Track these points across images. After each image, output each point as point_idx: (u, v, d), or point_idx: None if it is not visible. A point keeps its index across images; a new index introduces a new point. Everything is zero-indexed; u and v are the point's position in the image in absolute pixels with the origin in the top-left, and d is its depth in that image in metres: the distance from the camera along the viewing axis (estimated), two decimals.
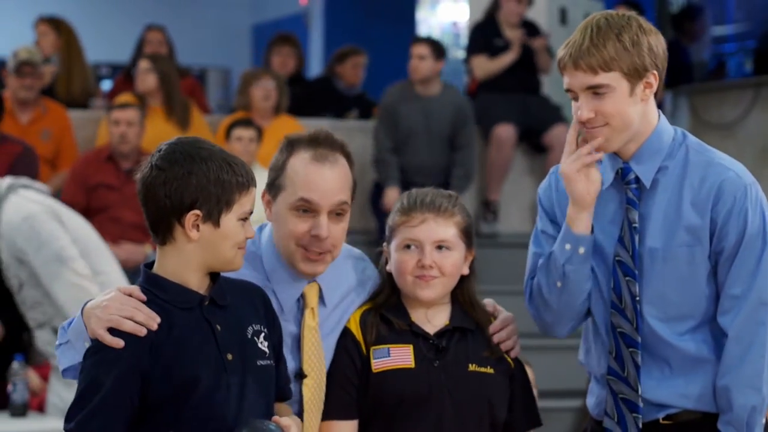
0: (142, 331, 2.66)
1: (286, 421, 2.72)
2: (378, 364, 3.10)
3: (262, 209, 3.12)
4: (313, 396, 3.06)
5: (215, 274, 2.78)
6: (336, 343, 3.13)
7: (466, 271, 3.18)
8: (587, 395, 3.24)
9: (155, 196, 2.70)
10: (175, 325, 2.69)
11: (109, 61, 11.06)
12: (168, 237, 2.72)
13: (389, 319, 3.14)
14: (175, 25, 10.05)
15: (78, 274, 5.02)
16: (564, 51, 3.02)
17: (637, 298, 3.04)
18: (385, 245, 3.20)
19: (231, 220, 2.72)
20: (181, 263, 2.73)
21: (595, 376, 3.19)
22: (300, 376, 3.04)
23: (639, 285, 3.04)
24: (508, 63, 8.13)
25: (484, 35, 8.25)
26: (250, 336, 2.78)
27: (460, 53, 10.54)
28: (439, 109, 7.73)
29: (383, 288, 3.19)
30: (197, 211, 2.69)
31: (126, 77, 8.59)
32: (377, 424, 3.10)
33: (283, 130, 7.35)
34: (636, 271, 3.04)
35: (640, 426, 3.06)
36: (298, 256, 3.03)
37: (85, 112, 8.00)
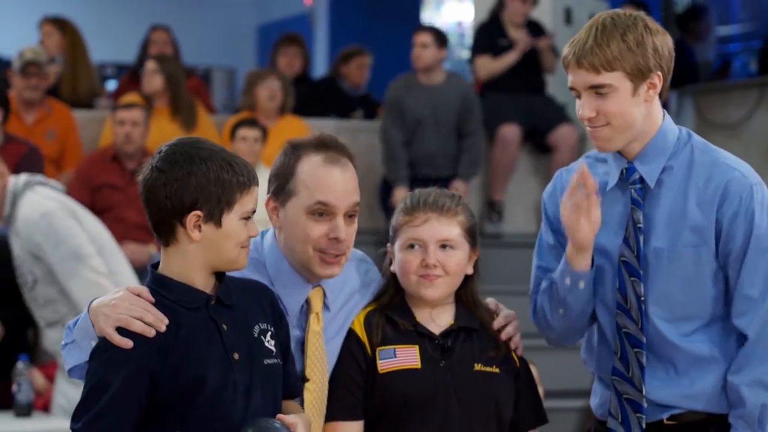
0: (150, 332, 2.66)
1: (292, 419, 2.72)
2: (384, 364, 3.09)
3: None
4: (315, 400, 3.05)
5: (221, 274, 2.78)
6: (341, 345, 3.12)
7: (470, 270, 3.18)
8: (591, 396, 3.24)
9: (156, 198, 2.70)
10: (183, 325, 2.69)
11: (114, 61, 11.04)
12: (171, 238, 2.72)
13: (394, 319, 3.14)
14: (180, 25, 10.05)
15: (95, 271, 5.01)
16: (569, 49, 3.01)
17: (642, 299, 3.03)
18: (389, 245, 3.20)
19: (233, 219, 2.72)
20: (185, 264, 2.73)
21: (599, 376, 3.19)
22: (302, 380, 3.03)
23: (644, 285, 3.03)
24: (510, 63, 8.11)
25: (489, 35, 8.23)
26: (256, 335, 2.78)
27: (465, 53, 10.53)
28: (444, 98, 7.69)
29: (387, 288, 3.19)
30: (198, 212, 2.69)
31: (131, 77, 8.58)
32: (383, 424, 3.09)
33: (288, 130, 7.36)
34: (641, 272, 3.03)
35: (643, 426, 3.05)
36: (316, 260, 3.01)
37: (90, 112, 7.99)
